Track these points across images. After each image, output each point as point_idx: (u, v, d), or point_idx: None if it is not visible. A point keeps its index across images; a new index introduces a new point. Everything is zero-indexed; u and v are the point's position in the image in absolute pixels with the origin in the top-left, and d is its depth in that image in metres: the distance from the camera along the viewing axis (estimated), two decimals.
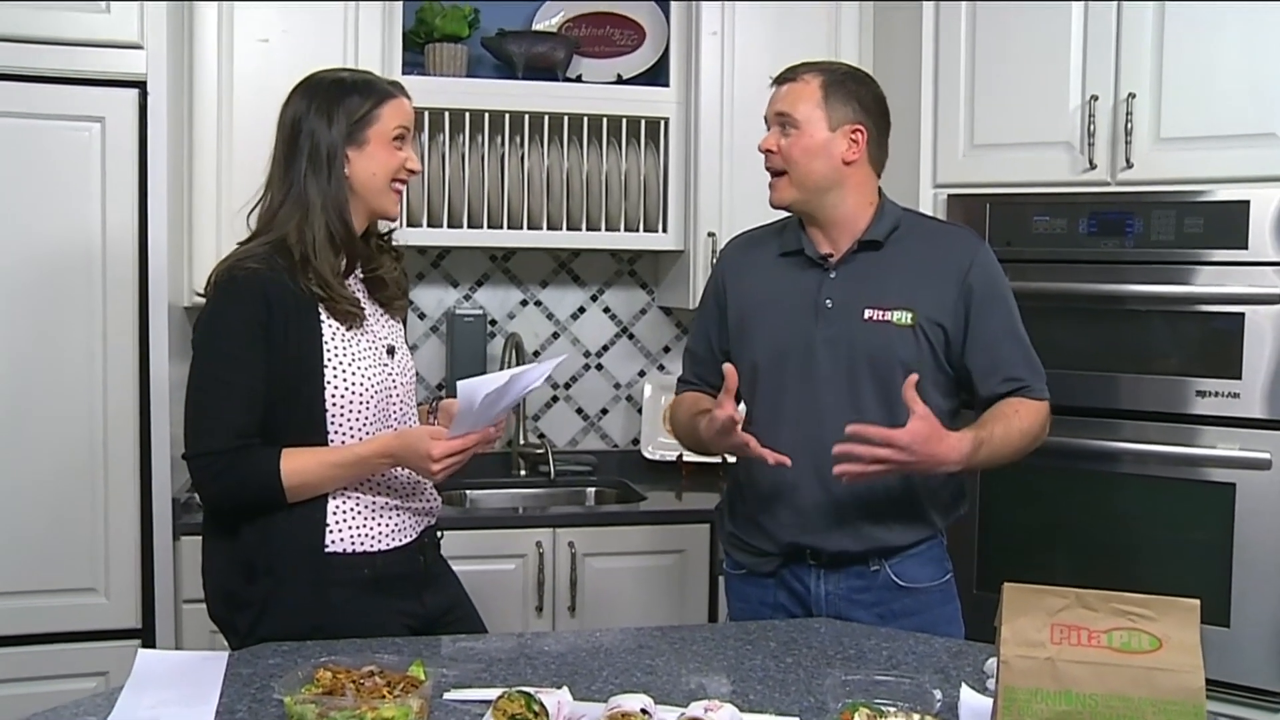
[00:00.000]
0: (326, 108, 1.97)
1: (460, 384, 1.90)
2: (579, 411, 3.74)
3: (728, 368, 2.03)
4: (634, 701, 1.55)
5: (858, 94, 2.14)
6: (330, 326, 1.97)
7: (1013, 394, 2.12)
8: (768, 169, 2.18)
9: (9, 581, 2.64)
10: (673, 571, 3.15)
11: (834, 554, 2.14)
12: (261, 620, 1.93)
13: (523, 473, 3.60)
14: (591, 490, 3.58)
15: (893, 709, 1.54)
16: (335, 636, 1.91)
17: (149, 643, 2.71)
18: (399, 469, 2.02)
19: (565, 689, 1.61)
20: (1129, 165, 2.81)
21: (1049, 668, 1.40)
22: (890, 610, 2.15)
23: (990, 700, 1.65)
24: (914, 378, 1.93)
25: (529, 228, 3.38)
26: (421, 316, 3.59)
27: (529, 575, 3.03)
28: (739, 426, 2.02)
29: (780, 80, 2.18)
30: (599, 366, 3.75)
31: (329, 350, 1.96)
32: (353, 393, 1.97)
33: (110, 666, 2.63)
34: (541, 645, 1.94)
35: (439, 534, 2.19)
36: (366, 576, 1.98)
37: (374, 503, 2.01)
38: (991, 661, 1.81)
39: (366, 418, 1.99)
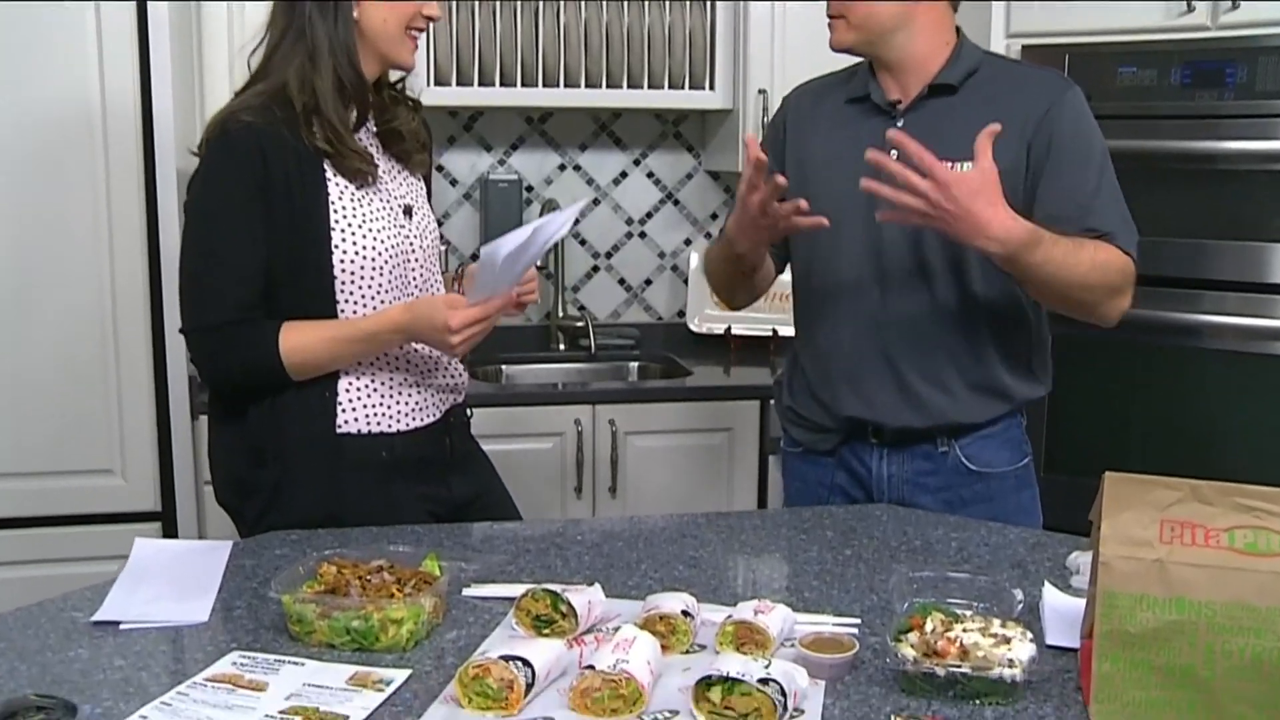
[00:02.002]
0: None
1: (483, 249, 1.70)
2: (621, 282, 3.53)
3: (749, 137, 1.80)
4: (673, 602, 1.38)
5: None
6: (338, 185, 1.77)
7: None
8: (829, 13, 1.92)
9: (23, 462, 2.52)
10: (720, 451, 2.98)
11: (897, 431, 1.93)
12: (271, 508, 1.78)
13: (561, 347, 3.42)
14: (634, 365, 3.39)
15: (967, 612, 1.36)
16: (352, 525, 1.76)
17: (170, 526, 2.59)
18: (417, 344, 1.83)
19: (597, 586, 1.44)
20: (1234, 5, 2.50)
21: (1157, 571, 1.20)
22: (959, 497, 1.96)
23: (1077, 601, 1.47)
24: (995, 128, 1.67)
25: (566, 86, 3.13)
26: (453, 183, 3.38)
27: (567, 455, 2.87)
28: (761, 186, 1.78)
29: None
30: (642, 235, 3.53)
31: (336, 211, 1.76)
32: (364, 258, 1.77)
33: (130, 550, 2.51)
34: (575, 534, 1.77)
35: (468, 412, 2.02)
36: (384, 460, 1.81)
37: (390, 380, 1.83)
38: (1075, 555, 1.63)
39: (381, 285, 1.80)
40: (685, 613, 1.36)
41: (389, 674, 1.27)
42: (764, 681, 1.16)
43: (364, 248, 1.77)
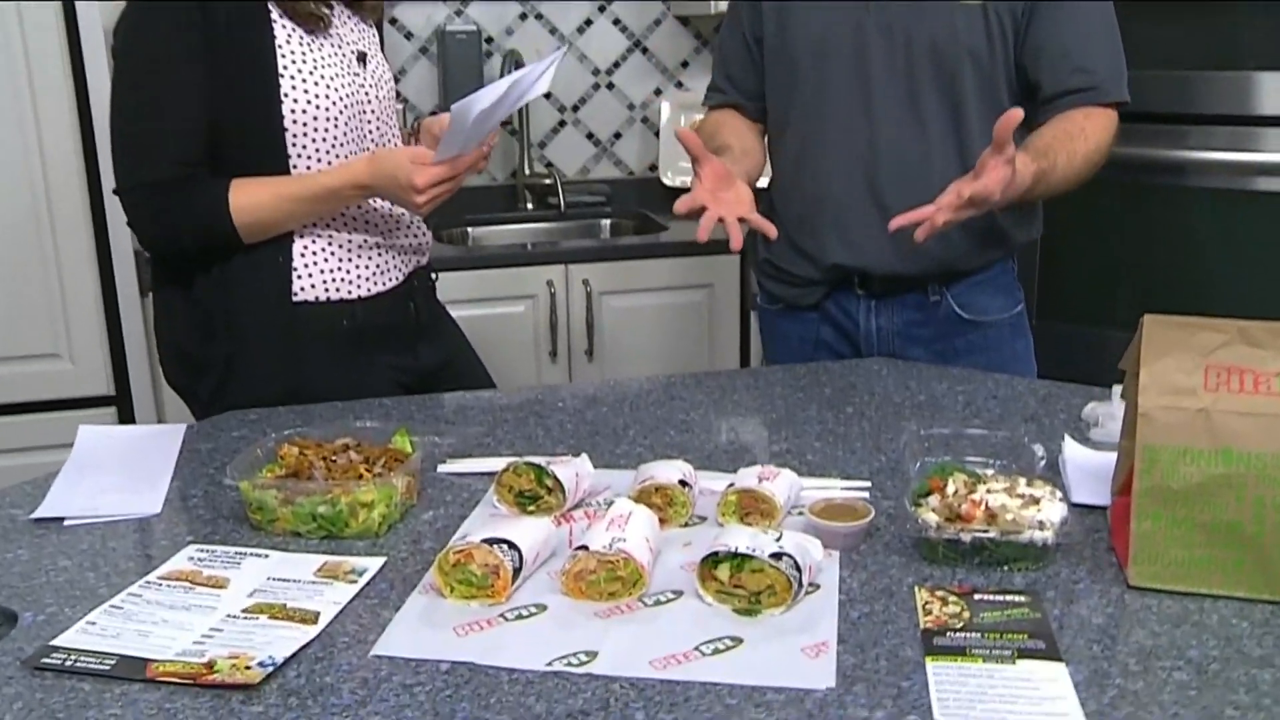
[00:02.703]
0: None
1: (454, 106, 1.53)
2: (589, 137, 3.35)
3: (683, 133, 1.60)
4: (669, 471, 1.27)
5: None
6: (285, 28, 1.59)
7: (1082, 91, 1.73)
8: None
9: None
10: (699, 309, 2.85)
11: (886, 278, 1.81)
12: (226, 386, 1.64)
13: (529, 206, 3.25)
14: (606, 223, 3.24)
15: (989, 471, 1.25)
16: (315, 401, 1.63)
17: (126, 411, 2.45)
18: (376, 200, 1.68)
19: (584, 456, 1.33)
20: None
21: (1202, 421, 1.09)
22: (952, 348, 1.84)
23: (1101, 455, 1.37)
24: (1017, 114, 1.47)
25: None
26: (408, 37, 3.16)
27: (540, 318, 2.74)
28: (705, 215, 1.59)
29: None
30: (610, 86, 3.33)
31: (285, 56, 1.58)
32: (317, 107, 1.60)
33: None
34: (555, 401, 1.65)
35: (433, 276, 1.87)
36: (346, 329, 1.67)
37: (349, 241, 1.68)
38: (1093, 407, 1.53)
39: (336, 138, 1.63)
40: (683, 482, 1.25)
41: (361, 563, 1.16)
42: (776, 556, 1.05)
43: (316, 96, 1.60)
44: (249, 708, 0.92)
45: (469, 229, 3.14)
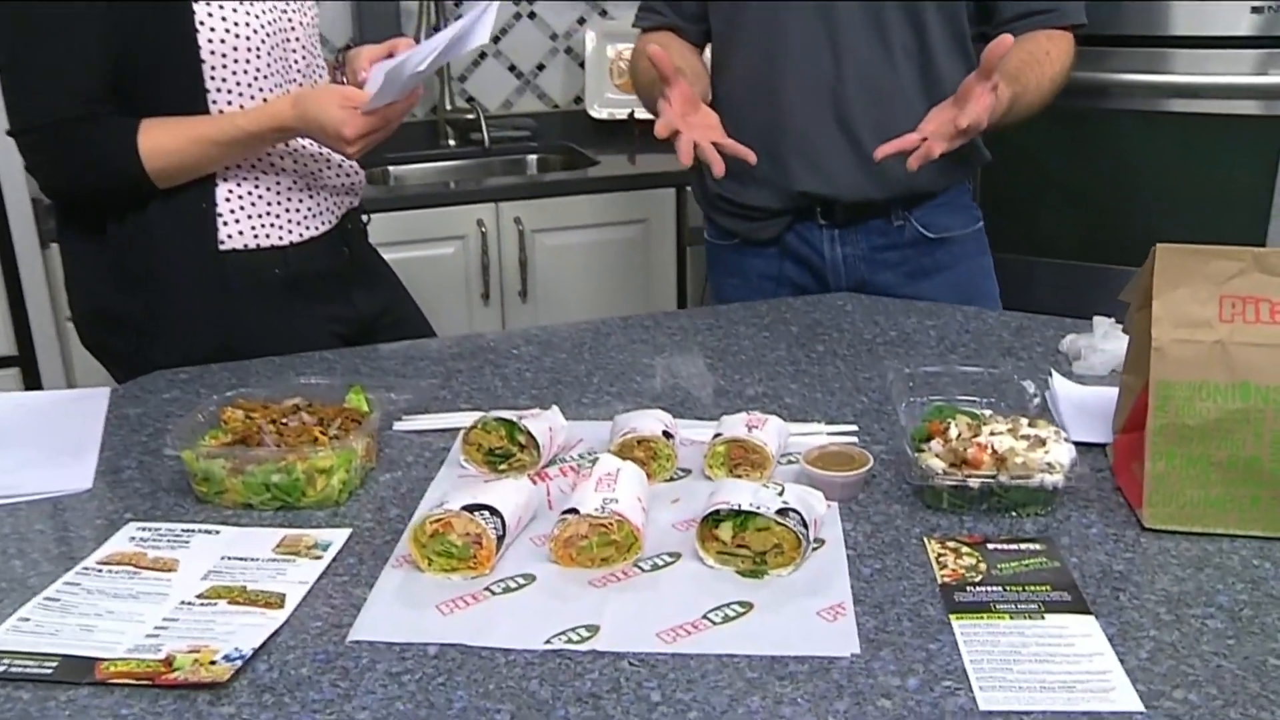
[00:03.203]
0: None
1: (388, 69, 1.41)
2: (511, 69, 3.20)
3: (655, 53, 1.51)
4: (649, 421, 1.18)
5: None
6: None
7: (1042, 14, 1.67)
8: None
9: None
10: (635, 245, 2.76)
11: (852, 205, 1.74)
12: (149, 344, 1.51)
13: (451, 143, 3.10)
14: (533, 159, 3.11)
15: (985, 411, 1.19)
16: (247, 357, 1.50)
17: (31, 374, 2.29)
18: (305, 140, 1.55)
19: (555, 409, 1.23)
20: None
21: (1218, 354, 1.04)
22: (920, 267, 1.79)
23: (1092, 391, 1.32)
24: (1008, 40, 1.41)
25: None
26: None
27: (471, 259, 2.62)
28: (683, 138, 1.50)
29: None
30: (531, 15, 3.18)
31: None
32: (237, 36, 1.46)
33: None
34: (509, 348, 1.55)
35: (365, 217, 1.75)
36: (278, 278, 1.55)
37: (277, 184, 1.54)
38: (1071, 339, 1.48)
39: (259, 70, 1.50)
40: (666, 433, 1.17)
41: (324, 536, 1.05)
42: (783, 512, 0.98)
43: (235, 24, 1.45)
44: (218, 709, 0.82)
45: (389, 168, 2.99)
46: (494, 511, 0.99)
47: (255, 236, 1.52)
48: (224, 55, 1.45)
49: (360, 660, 0.87)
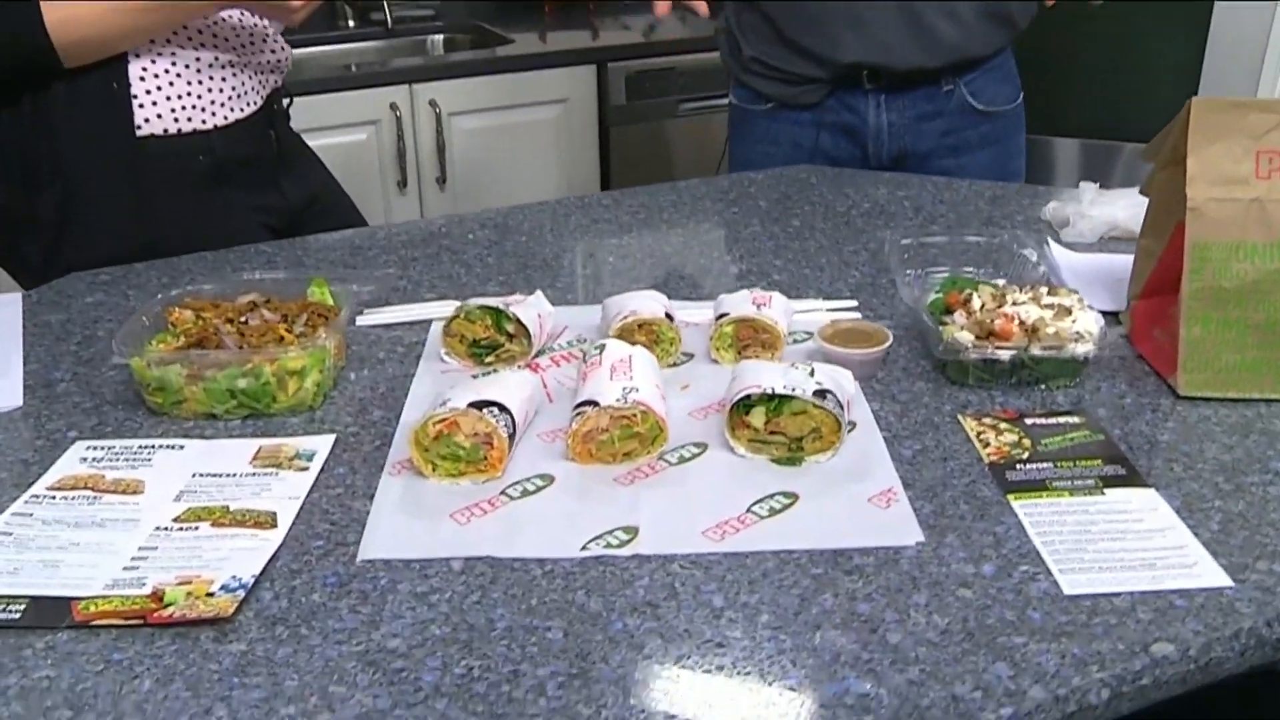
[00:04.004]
0: None
1: None
2: None
3: None
4: (648, 303, 1.09)
5: None
6: None
7: None
8: None
9: None
10: (557, 125, 2.63)
11: (905, 73, 1.64)
12: (60, 245, 1.35)
13: (351, 23, 2.90)
14: (439, 39, 2.93)
15: (1000, 281, 1.13)
16: (171, 255, 1.36)
17: None
18: (228, 11, 1.38)
19: (540, 294, 1.13)
20: None
21: (1256, 212, 0.98)
22: (965, 140, 1.70)
23: (1093, 257, 1.27)
24: None
25: None
26: None
27: (385, 145, 2.46)
28: None
29: None
30: None
31: None
32: None
33: None
34: (463, 233, 1.43)
35: (287, 99, 1.59)
36: (202, 165, 1.40)
37: (198, 60, 1.38)
38: (1053, 206, 1.43)
39: None
40: (667, 315, 1.08)
41: (306, 444, 0.94)
42: (820, 394, 0.90)
43: None
44: (227, 647, 0.72)
45: None
46: (502, 408, 0.89)
47: (175, 120, 1.36)
48: None
49: (379, 581, 0.78)
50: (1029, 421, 0.97)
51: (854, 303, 1.19)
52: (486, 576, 0.78)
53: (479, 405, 0.88)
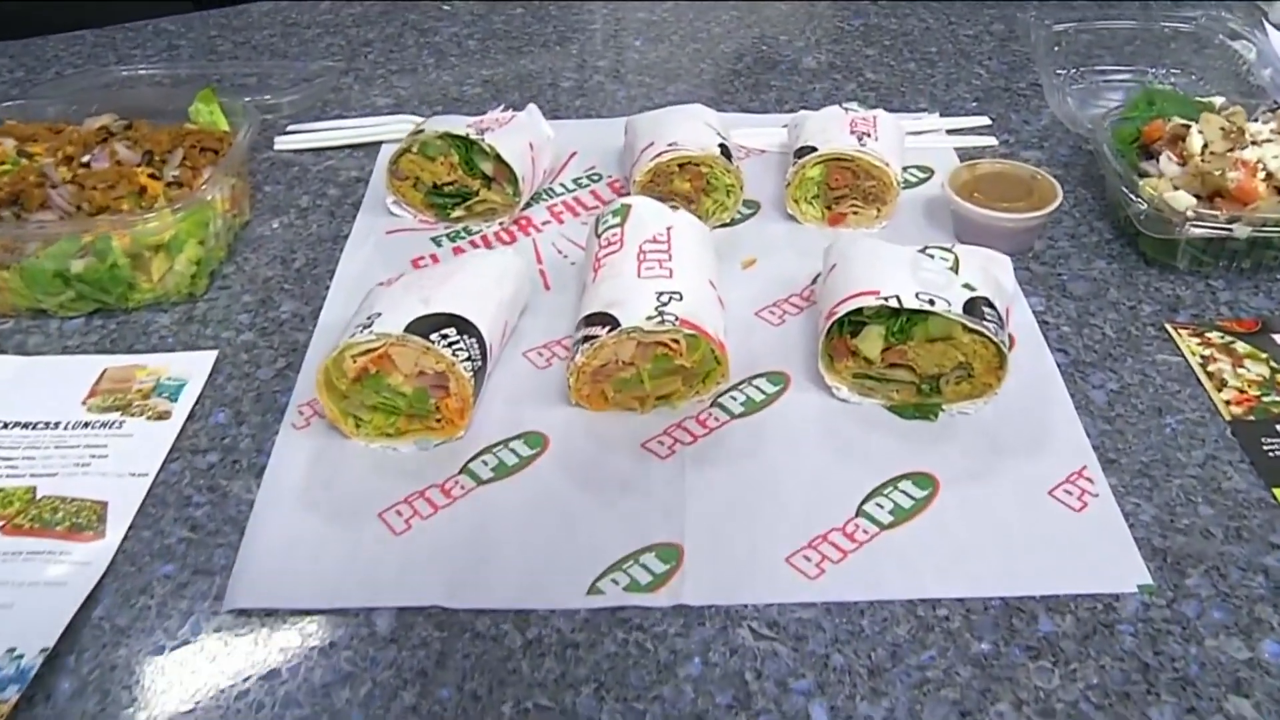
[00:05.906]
0: None
1: None
2: None
3: None
4: (694, 129, 0.72)
5: None
6: None
7: None
8: None
9: None
10: None
11: None
12: None
13: None
14: None
15: (1218, 99, 0.76)
16: (15, 34, 1.00)
17: None
18: None
19: (532, 110, 0.78)
20: None
21: None
22: None
23: None
24: None
25: None
26: None
27: None
28: None
29: None
30: None
31: None
32: None
33: None
34: (436, 5, 1.06)
35: None
36: None
37: None
38: None
39: None
40: (724, 150, 0.72)
41: (173, 367, 0.62)
42: (970, 308, 0.56)
43: None
44: None
45: None
46: (465, 326, 0.56)
47: None
48: None
49: (253, 652, 0.47)
50: (1278, 338, 0.63)
51: (985, 121, 0.83)
52: (432, 647, 0.47)
53: (427, 324, 0.55)
